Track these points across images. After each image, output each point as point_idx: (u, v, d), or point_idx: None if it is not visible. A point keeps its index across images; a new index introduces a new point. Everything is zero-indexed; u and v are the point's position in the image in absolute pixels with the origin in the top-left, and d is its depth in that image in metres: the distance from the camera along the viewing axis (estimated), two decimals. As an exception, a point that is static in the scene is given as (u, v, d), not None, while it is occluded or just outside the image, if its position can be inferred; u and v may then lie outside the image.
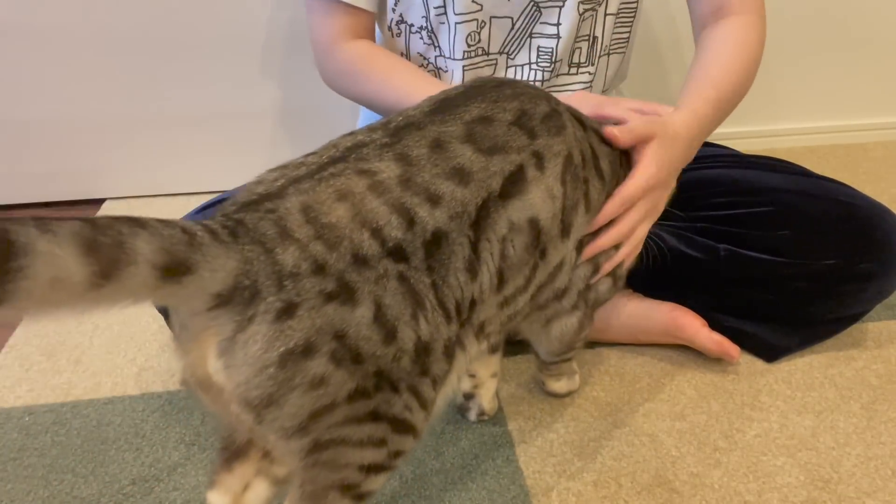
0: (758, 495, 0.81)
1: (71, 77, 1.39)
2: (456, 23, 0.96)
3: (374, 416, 0.57)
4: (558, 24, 0.97)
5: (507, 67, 1.00)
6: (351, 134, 0.63)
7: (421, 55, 1.02)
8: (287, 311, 0.50)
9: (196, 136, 1.48)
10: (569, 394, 0.96)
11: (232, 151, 1.50)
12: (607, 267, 0.80)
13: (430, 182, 0.59)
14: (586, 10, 0.97)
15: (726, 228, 0.98)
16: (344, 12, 0.99)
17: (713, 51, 0.95)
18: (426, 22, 0.98)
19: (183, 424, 0.93)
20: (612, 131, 0.78)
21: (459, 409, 0.92)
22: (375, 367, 0.55)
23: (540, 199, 0.66)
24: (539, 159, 0.66)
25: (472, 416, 0.92)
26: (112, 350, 1.07)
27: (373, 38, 1.04)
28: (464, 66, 0.99)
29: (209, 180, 1.51)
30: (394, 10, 0.99)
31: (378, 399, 0.57)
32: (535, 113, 0.69)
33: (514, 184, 0.64)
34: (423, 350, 0.58)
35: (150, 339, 1.09)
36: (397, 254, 0.56)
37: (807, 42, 1.59)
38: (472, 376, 0.90)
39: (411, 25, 0.99)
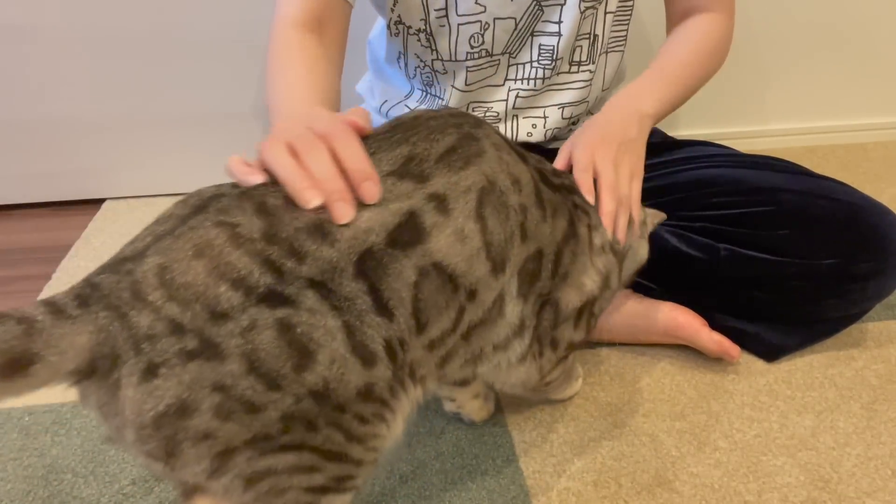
0: (758, 495, 0.81)
1: (71, 77, 1.39)
2: (459, 24, 0.96)
3: (291, 448, 0.55)
4: (560, 22, 0.97)
5: (510, 66, 1.00)
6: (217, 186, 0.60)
7: (418, 56, 1.02)
8: (150, 372, 0.49)
9: (196, 136, 1.48)
10: (573, 396, 0.95)
11: (231, 151, 1.48)
12: (619, 234, 0.78)
13: (294, 237, 0.54)
14: (587, 8, 0.97)
15: (726, 228, 0.98)
16: None
17: (668, 43, 1.02)
18: (425, 24, 0.97)
19: (183, 424, 0.93)
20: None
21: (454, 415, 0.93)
22: (279, 413, 0.53)
23: (446, 244, 0.59)
24: (441, 202, 0.59)
25: (466, 421, 0.92)
26: (112, 350, 1.07)
27: (339, 33, 0.94)
28: (468, 67, 0.99)
29: (209, 180, 1.50)
30: (392, 11, 0.99)
31: (288, 438, 0.54)
32: (431, 153, 0.61)
33: (409, 233, 0.57)
34: (322, 396, 0.54)
35: (150, 339, 1.09)
36: (274, 300, 0.52)
37: (807, 42, 1.59)
38: (452, 400, 0.90)
39: (409, 27, 0.99)
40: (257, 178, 0.60)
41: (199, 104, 1.45)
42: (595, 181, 0.80)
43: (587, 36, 1.00)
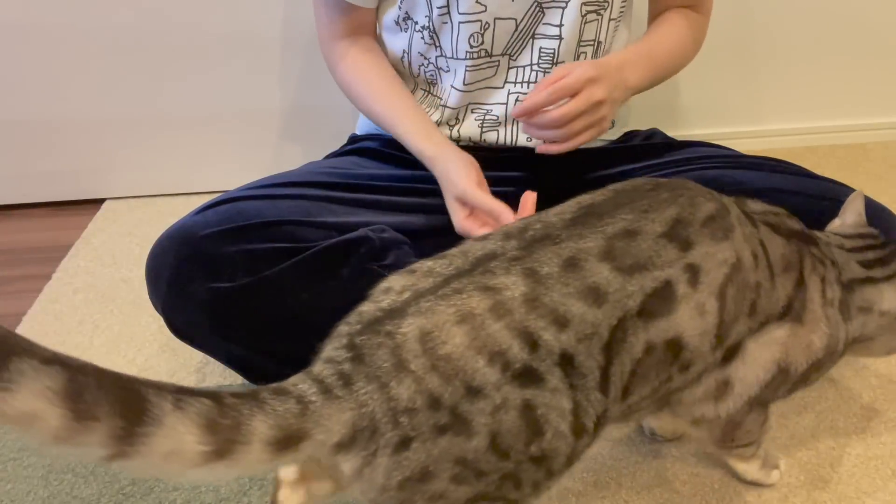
0: (758, 495, 0.81)
1: (71, 77, 1.39)
2: (460, 23, 0.96)
3: (495, 500, 0.59)
4: (560, 25, 0.97)
5: (510, 69, 1.00)
6: (483, 239, 0.62)
7: (422, 55, 1.02)
8: (403, 445, 0.53)
9: (196, 136, 1.48)
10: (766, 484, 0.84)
11: (232, 151, 1.50)
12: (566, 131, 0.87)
13: (560, 303, 0.56)
14: (589, 12, 0.97)
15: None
16: (343, 8, 1.01)
17: (658, 28, 1.05)
18: (429, 21, 0.98)
19: (183, 424, 0.93)
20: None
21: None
22: (499, 475, 0.56)
23: (687, 316, 0.61)
24: (693, 272, 0.61)
25: (647, 432, 0.91)
26: (112, 350, 1.07)
27: (374, 31, 1.07)
28: (466, 67, 0.99)
29: (209, 180, 1.51)
30: (400, 8, 1.00)
31: (498, 493, 0.58)
32: (695, 218, 0.63)
33: (659, 301, 0.60)
34: (540, 460, 0.58)
35: (150, 339, 1.09)
36: (526, 377, 0.55)
37: (807, 42, 1.59)
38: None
39: (416, 23, 1.00)
40: None
41: (200, 104, 1.45)
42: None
43: (591, 42, 1.00)
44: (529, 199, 0.88)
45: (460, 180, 0.90)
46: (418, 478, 0.53)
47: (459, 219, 0.92)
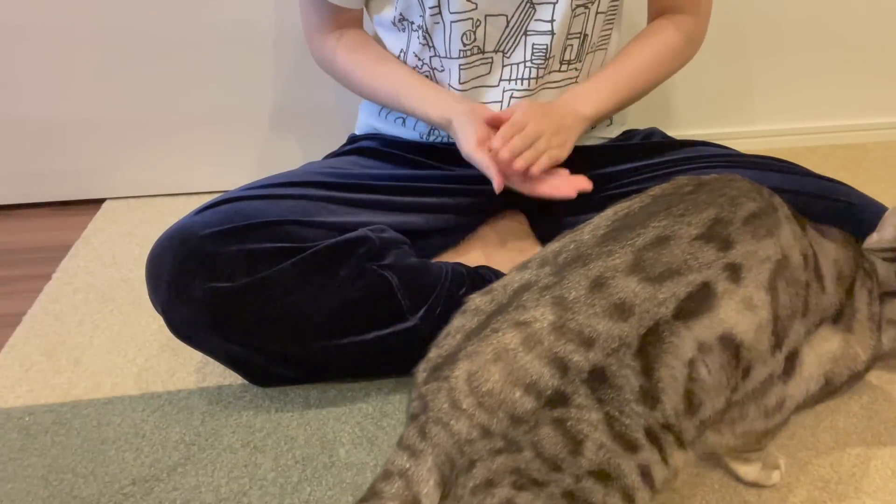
0: (758, 495, 0.81)
1: (71, 77, 1.39)
2: (451, 21, 0.96)
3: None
4: (552, 21, 0.97)
5: (504, 66, 1.00)
6: (523, 268, 0.65)
7: (416, 56, 1.02)
8: (471, 466, 0.59)
9: (196, 136, 1.48)
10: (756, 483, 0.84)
11: (232, 151, 1.50)
12: (518, 163, 0.88)
13: (585, 324, 0.59)
14: (578, 6, 0.97)
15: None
16: (332, 10, 1.03)
17: (627, 47, 1.06)
18: (423, 21, 0.98)
19: (183, 424, 0.93)
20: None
21: None
22: (561, 489, 0.59)
23: (734, 311, 0.61)
24: (734, 270, 0.61)
25: None
26: (112, 350, 1.07)
27: (361, 22, 1.09)
28: (460, 65, 0.99)
29: (209, 180, 1.51)
30: (396, 8, 1.00)
31: None
32: (735, 217, 0.63)
33: (696, 302, 0.60)
34: (603, 477, 0.59)
35: (150, 339, 1.09)
36: (555, 400, 0.58)
37: (807, 42, 1.59)
38: None
39: (412, 23, 1.00)
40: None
41: (199, 104, 1.45)
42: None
43: (577, 35, 1.00)
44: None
45: (464, 143, 0.92)
46: (485, 485, 0.59)
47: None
